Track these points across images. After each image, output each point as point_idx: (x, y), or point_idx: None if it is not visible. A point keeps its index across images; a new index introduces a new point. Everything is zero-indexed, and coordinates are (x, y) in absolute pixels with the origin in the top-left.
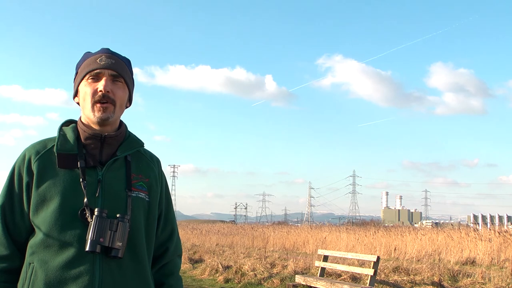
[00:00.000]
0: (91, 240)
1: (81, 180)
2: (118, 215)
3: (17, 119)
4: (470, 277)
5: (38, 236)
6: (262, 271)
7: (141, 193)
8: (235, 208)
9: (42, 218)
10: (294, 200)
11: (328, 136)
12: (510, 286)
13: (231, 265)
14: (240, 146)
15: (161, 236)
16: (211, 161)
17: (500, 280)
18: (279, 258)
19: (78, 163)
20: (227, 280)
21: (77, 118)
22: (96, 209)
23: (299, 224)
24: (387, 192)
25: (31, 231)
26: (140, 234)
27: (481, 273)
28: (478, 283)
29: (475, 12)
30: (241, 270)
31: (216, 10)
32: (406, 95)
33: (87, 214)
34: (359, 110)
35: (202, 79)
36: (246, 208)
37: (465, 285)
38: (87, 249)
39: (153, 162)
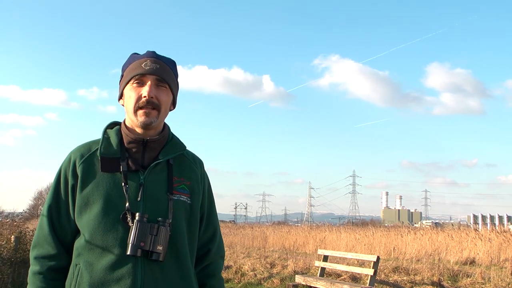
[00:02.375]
0: (132, 245)
1: (123, 184)
2: (159, 219)
3: (16, 119)
4: (469, 277)
5: (82, 239)
6: (262, 271)
7: (182, 196)
8: (235, 208)
9: (86, 221)
10: (294, 200)
11: (327, 136)
12: (509, 286)
13: (231, 265)
14: (239, 146)
15: (203, 237)
16: (210, 161)
17: (499, 280)
18: (279, 258)
19: (121, 166)
20: (227, 280)
21: (77, 119)
22: (137, 214)
23: (299, 224)
24: (387, 192)
25: (76, 233)
26: (182, 237)
27: (481, 273)
28: (478, 283)
29: (473, 12)
30: (241, 270)
31: (211, 11)
32: (404, 95)
33: (129, 218)
34: (358, 110)
35: (200, 79)
36: (246, 208)
37: (465, 285)
38: (128, 253)
39: (195, 164)
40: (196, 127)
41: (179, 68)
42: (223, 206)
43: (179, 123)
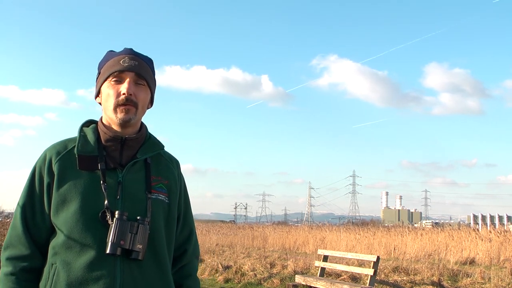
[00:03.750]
0: (111, 243)
1: (101, 182)
2: (138, 218)
3: (15, 119)
4: (469, 277)
5: (59, 237)
6: (262, 271)
7: (160, 195)
8: (235, 208)
9: (63, 219)
10: (294, 200)
11: (327, 136)
12: (509, 286)
13: (231, 265)
14: (238, 146)
15: (180, 237)
16: (210, 161)
17: (499, 280)
18: (279, 258)
19: (99, 165)
20: (227, 280)
21: (77, 119)
22: (116, 212)
23: (299, 224)
24: (387, 192)
25: (51, 232)
26: (160, 236)
27: (481, 273)
28: (478, 283)
29: (472, 13)
30: (241, 270)
31: (210, 11)
32: (403, 96)
33: (108, 217)
34: (357, 110)
35: (199, 79)
36: (246, 208)
37: (465, 285)
38: (107, 251)
39: (172, 163)
40: (195, 127)
41: (178, 68)
42: (223, 206)
43: (178, 123)
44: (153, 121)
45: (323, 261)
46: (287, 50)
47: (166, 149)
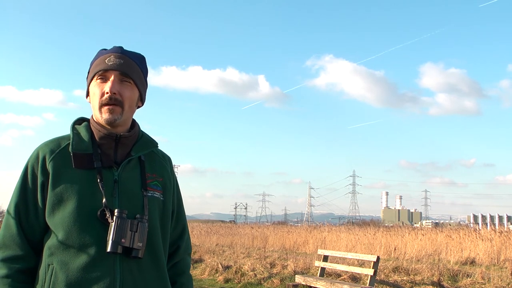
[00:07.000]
0: (112, 241)
1: (98, 180)
2: (137, 216)
3: (14, 119)
4: (470, 277)
5: (56, 237)
6: (262, 271)
7: (156, 193)
8: (235, 208)
9: (60, 219)
10: (293, 200)
11: (324, 137)
12: (509, 286)
13: (231, 265)
14: (236, 146)
15: (173, 234)
16: (208, 161)
17: (500, 280)
18: (279, 258)
19: (94, 163)
20: (227, 280)
21: (78, 118)
22: (116, 210)
23: (299, 224)
24: (387, 192)
25: (45, 231)
26: (157, 234)
27: (481, 273)
28: (478, 283)
29: (469, 13)
30: (241, 270)
31: (206, 12)
32: (400, 96)
33: (108, 215)
34: (354, 111)
35: (195, 79)
36: (246, 208)
37: (465, 285)
38: (108, 250)
39: (165, 161)
40: (193, 127)
41: (174, 69)
42: (223, 206)
43: (177, 123)
44: (152, 121)
45: (323, 261)
46: (283, 50)
47: (166, 149)
